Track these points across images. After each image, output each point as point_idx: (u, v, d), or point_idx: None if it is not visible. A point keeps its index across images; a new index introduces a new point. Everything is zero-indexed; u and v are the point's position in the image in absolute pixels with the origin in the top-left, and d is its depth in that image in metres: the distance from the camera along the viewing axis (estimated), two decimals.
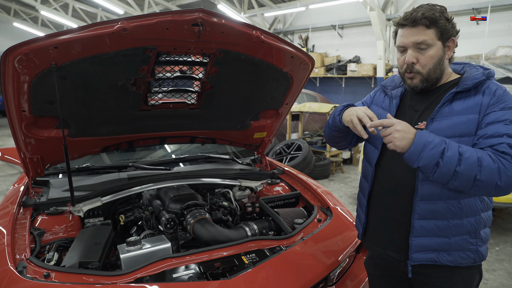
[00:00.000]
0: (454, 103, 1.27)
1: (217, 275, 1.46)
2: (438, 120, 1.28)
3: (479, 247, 1.30)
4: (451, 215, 1.28)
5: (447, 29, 1.28)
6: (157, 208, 2.04)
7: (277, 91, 2.27)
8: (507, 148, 1.14)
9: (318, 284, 1.60)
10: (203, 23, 1.55)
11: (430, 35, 1.26)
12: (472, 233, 1.29)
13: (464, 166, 1.13)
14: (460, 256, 1.29)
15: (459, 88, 1.26)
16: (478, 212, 1.29)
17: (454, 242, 1.29)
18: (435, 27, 1.26)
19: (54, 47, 1.48)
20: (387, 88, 1.54)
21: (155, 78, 1.87)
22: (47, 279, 1.32)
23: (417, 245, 1.31)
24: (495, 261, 3.36)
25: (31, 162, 2.02)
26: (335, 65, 11.02)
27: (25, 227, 1.68)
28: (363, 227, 1.55)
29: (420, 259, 1.32)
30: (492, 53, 7.70)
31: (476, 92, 1.26)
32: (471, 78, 1.27)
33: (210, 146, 3.15)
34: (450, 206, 1.27)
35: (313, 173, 6.03)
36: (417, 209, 1.30)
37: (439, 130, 1.26)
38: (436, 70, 1.30)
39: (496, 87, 1.26)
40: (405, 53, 1.33)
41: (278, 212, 2.01)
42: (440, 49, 1.29)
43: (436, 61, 1.29)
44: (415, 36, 1.27)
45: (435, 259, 1.31)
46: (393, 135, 1.19)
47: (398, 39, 1.34)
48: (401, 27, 1.32)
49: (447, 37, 1.29)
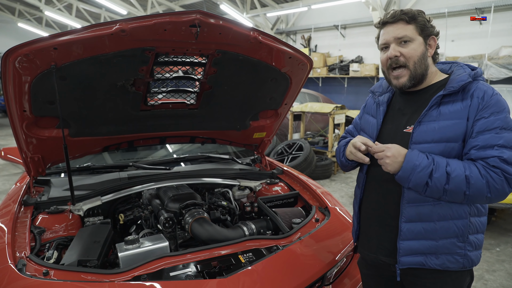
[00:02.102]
0: (442, 107, 1.28)
1: (214, 274, 1.48)
2: (425, 123, 1.28)
3: (468, 252, 1.30)
4: (438, 217, 1.29)
5: (427, 26, 1.32)
6: (156, 208, 2.06)
7: (276, 92, 2.28)
8: (497, 162, 1.18)
9: (315, 283, 1.61)
10: (200, 24, 1.57)
11: (411, 30, 1.31)
12: (460, 236, 1.29)
13: (452, 185, 1.20)
14: (448, 259, 1.30)
15: (445, 91, 1.26)
16: (466, 215, 1.29)
17: (441, 245, 1.29)
18: (415, 23, 1.31)
19: (53, 48, 1.50)
20: (375, 94, 1.56)
21: (154, 78, 1.89)
22: (46, 276, 1.34)
23: (405, 248, 1.32)
24: (495, 262, 3.36)
25: (32, 162, 2.04)
26: (338, 65, 11.01)
27: (25, 226, 1.70)
28: (356, 234, 1.58)
29: (409, 263, 1.33)
30: (495, 53, 7.66)
31: (463, 95, 1.26)
32: (457, 80, 1.27)
33: (211, 146, 3.17)
34: (436, 208, 1.28)
35: (314, 173, 6.04)
36: (404, 212, 1.31)
37: (426, 133, 1.27)
38: (421, 65, 1.32)
39: (484, 89, 1.25)
40: (387, 50, 1.36)
41: (276, 212, 2.02)
42: (422, 44, 1.32)
43: (420, 54, 1.31)
44: (396, 31, 1.32)
45: (423, 263, 1.32)
46: (384, 160, 1.28)
47: (380, 38, 1.39)
48: (383, 27, 1.37)
49: (428, 34, 1.33)
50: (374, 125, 1.48)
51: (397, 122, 1.40)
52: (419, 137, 1.28)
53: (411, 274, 1.37)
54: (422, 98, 1.36)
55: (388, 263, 1.41)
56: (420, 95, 1.37)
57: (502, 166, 1.17)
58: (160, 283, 1.37)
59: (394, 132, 1.40)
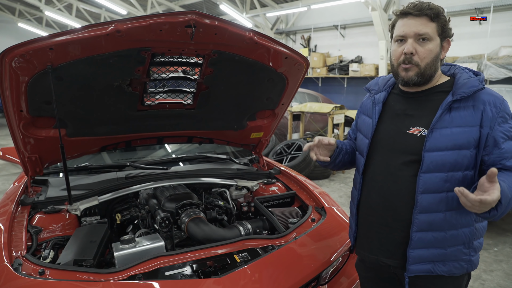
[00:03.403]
0: (453, 112, 1.25)
1: (209, 273, 1.48)
2: (438, 130, 1.25)
3: (471, 257, 1.32)
4: (449, 227, 1.28)
5: (447, 27, 1.28)
6: (153, 207, 2.07)
7: (273, 92, 2.28)
8: None
9: (310, 282, 1.61)
10: (195, 25, 1.57)
11: (433, 29, 1.25)
12: (466, 243, 1.30)
13: None
14: (454, 266, 1.31)
15: (456, 97, 1.24)
16: (473, 223, 1.29)
17: (449, 253, 1.29)
18: (438, 22, 1.26)
19: (49, 48, 1.51)
20: (371, 92, 1.53)
21: (151, 78, 1.90)
22: (42, 276, 1.35)
23: (414, 256, 1.31)
24: (493, 262, 3.36)
25: (29, 161, 2.05)
26: (337, 65, 11.01)
27: (22, 225, 1.71)
28: (354, 236, 1.56)
29: (417, 271, 1.32)
30: (495, 53, 7.66)
31: (474, 101, 1.24)
32: (468, 85, 1.25)
33: (209, 146, 3.18)
34: (448, 217, 1.27)
35: (313, 173, 6.04)
36: (416, 221, 1.29)
37: (439, 140, 1.24)
38: (432, 67, 1.28)
39: (494, 95, 1.25)
40: (402, 43, 1.29)
41: (272, 212, 2.03)
42: (438, 45, 1.28)
43: (434, 56, 1.27)
44: (418, 27, 1.25)
45: (431, 270, 1.32)
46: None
47: (398, 29, 1.31)
48: (404, 17, 1.29)
49: (445, 36, 1.29)
50: (370, 125, 1.45)
51: (398, 122, 1.37)
52: (433, 145, 1.25)
53: (415, 278, 1.36)
54: (427, 100, 1.33)
55: (389, 265, 1.40)
56: (424, 96, 1.34)
57: None
58: (155, 283, 1.38)
59: (395, 132, 1.37)
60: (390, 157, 1.37)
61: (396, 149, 1.35)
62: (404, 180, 1.32)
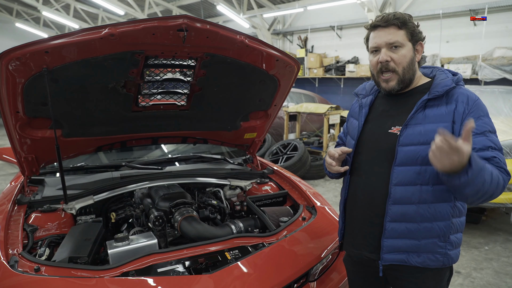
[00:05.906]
0: (427, 110, 1.33)
1: (200, 270, 1.53)
2: (411, 126, 1.33)
3: (448, 251, 1.36)
4: (421, 219, 1.34)
5: (416, 32, 1.36)
6: (147, 206, 2.11)
7: (265, 93, 2.33)
8: (498, 163, 1.23)
9: (299, 279, 1.66)
10: (187, 29, 1.62)
11: (402, 36, 1.34)
12: (441, 237, 1.34)
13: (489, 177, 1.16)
14: (429, 258, 1.36)
15: (430, 96, 1.32)
16: (449, 217, 1.34)
17: (423, 244, 1.35)
18: (406, 28, 1.34)
19: (45, 51, 1.55)
20: (359, 97, 1.62)
21: (145, 80, 1.94)
22: (37, 272, 1.39)
23: (388, 246, 1.38)
24: (483, 260, 3.41)
25: (26, 162, 2.09)
26: (334, 65, 11.05)
27: (18, 224, 1.75)
28: (341, 233, 1.63)
29: (391, 260, 1.39)
30: (489, 54, 7.72)
31: (447, 99, 1.32)
32: (442, 85, 1.33)
33: (205, 146, 3.22)
34: (420, 210, 1.33)
35: (309, 173, 6.09)
36: (389, 212, 1.36)
37: (412, 135, 1.32)
38: (410, 70, 1.37)
39: (467, 94, 1.32)
40: (377, 53, 1.39)
41: (264, 211, 2.07)
42: (411, 50, 1.37)
43: (409, 60, 1.36)
44: (388, 36, 1.35)
45: (405, 260, 1.37)
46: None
47: (371, 41, 1.41)
48: (374, 29, 1.40)
49: (416, 40, 1.37)
50: (356, 127, 1.53)
51: (382, 123, 1.45)
52: (406, 140, 1.33)
53: (394, 269, 1.42)
54: (408, 100, 1.41)
55: (373, 259, 1.46)
56: (405, 97, 1.43)
57: (503, 166, 1.23)
58: (147, 279, 1.42)
59: (379, 132, 1.45)
60: (374, 156, 1.45)
61: (380, 148, 1.43)
62: (382, 175, 1.39)
